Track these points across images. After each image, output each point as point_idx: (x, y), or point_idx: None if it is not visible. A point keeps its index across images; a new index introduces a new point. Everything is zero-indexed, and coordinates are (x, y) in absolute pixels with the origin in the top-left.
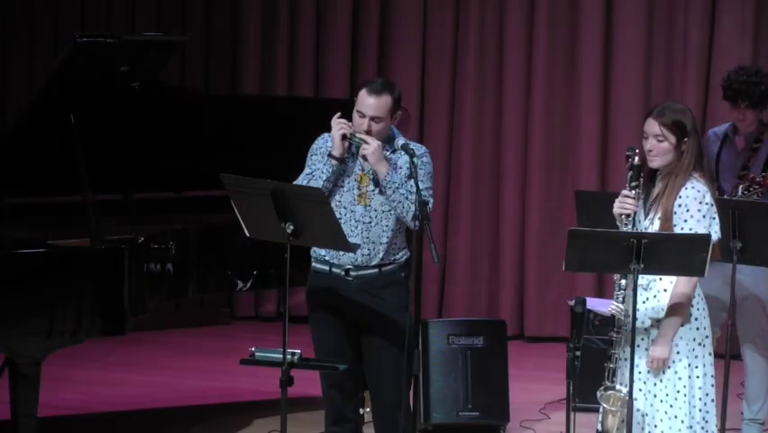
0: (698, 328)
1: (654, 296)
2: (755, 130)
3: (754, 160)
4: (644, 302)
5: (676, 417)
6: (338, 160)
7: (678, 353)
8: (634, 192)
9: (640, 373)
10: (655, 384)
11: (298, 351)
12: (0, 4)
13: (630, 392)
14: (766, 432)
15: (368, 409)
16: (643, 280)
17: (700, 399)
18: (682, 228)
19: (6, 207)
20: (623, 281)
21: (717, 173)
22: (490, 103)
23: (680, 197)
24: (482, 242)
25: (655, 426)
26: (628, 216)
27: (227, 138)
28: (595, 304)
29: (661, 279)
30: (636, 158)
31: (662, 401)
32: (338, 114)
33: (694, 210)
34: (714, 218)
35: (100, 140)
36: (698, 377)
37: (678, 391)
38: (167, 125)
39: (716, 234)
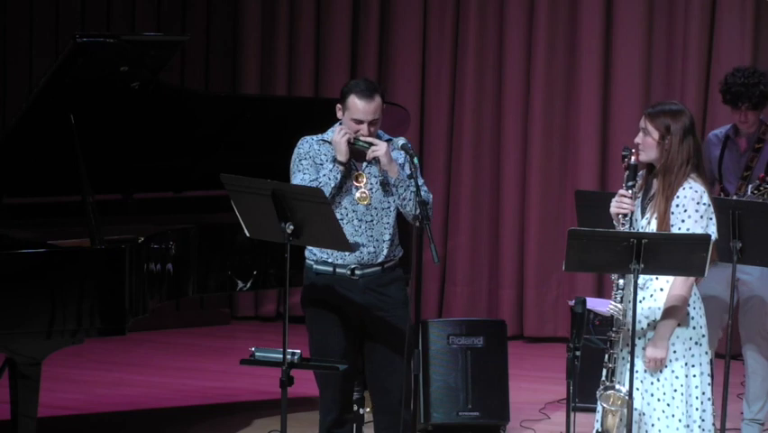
0: (694, 328)
1: (651, 295)
2: (756, 130)
3: (757, 160)
4: (640, 301)
5: (673, 415)
6: (344, 165)
7: (675, 352)
8: (630, 192)
9: (637, 372)
10: (652, 383)
11: (298, 351)
12: (0, 4)
13: (630, 392)
14: (766, 432)
15: (368, 409)
16: (639, 279)
17: (697, 397)
18: (680, 228)
19: (6, 207)
20: (621, 281)
21: (720, 175)
22: (490, 103)
23: (677, 197)
24: (482, 242)
25: (652, 425)
26: (625, 215)
27: (227, 138)
28: (595, 304)
29: (657, 278)
30: (633, 158)
31: (659, 400)
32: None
33: (692, 210)
34: (711, 219)
35: (100, 140)
36: (694, 376)
37: (675, 390)
38: (167, 125)
39: (713, 235)
